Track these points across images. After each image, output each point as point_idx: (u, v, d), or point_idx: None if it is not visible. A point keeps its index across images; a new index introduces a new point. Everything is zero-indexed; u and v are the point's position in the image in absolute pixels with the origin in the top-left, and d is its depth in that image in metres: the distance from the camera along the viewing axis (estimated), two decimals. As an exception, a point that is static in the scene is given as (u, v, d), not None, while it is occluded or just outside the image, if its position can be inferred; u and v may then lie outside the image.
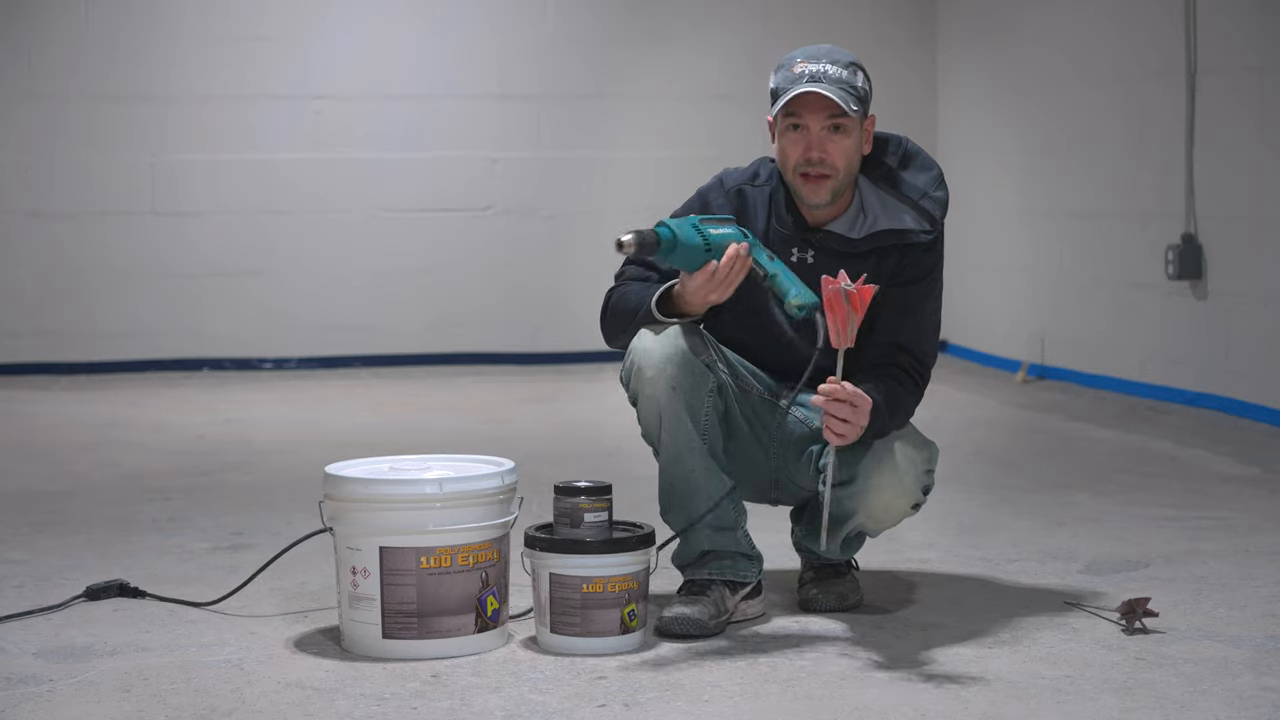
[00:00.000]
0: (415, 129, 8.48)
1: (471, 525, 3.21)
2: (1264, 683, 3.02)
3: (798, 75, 3.34)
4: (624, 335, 3.46)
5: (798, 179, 3.39)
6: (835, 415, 3.21)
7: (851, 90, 3.33)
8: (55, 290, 8.25)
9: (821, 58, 3.36)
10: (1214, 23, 6.51)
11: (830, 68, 3.34)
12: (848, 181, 3.40)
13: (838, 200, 3.41)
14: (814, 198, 3.38)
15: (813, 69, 3.34)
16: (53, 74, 8.17)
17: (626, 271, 3.51)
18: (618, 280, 3.52)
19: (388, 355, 8.51)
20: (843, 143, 3.35)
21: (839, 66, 3.35)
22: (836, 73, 3.34)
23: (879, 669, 3.13)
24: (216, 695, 3.00)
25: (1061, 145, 7.70)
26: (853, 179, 3.42)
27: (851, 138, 3.36)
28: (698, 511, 3.38)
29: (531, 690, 3.01)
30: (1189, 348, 6.72)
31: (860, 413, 3.22)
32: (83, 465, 5.61)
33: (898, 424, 3.37)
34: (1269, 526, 4.42)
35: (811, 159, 3.35)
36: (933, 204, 3.42)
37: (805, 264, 3.41)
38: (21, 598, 3.71)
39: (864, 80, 3.37)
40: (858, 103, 3.34)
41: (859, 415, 3.22)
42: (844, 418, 3.21)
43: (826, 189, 3.37)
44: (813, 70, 3.33)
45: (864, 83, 3.37)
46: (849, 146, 3.36)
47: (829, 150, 3.35)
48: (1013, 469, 5.47)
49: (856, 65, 3.38)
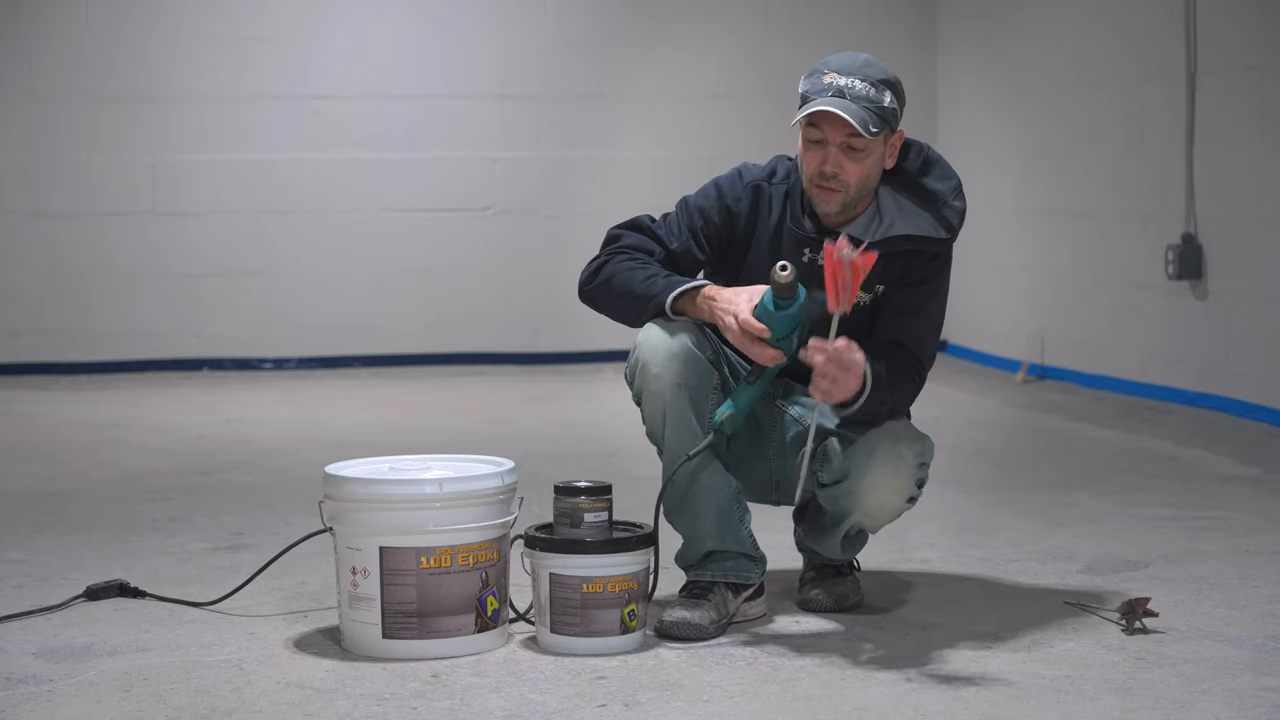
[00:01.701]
0: (415, 129, 8.48)
1: (471, 525, 3.21)
2: (1264, 683, 3.02)
3: (825, 86, 3.30)
4: (613, 312, 3.42)
5: (813, 188, 3.37)
6: (822, 373, 3.17)
7: (875, 110, 3.28)
8: (55, 290, 8.25)
9: (854, 71, 3.31)
10: (1214, 23, 6.51)
11: (859, 84, 3.29)
12: (862, 195, 3.37)
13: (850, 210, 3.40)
14: (824, 207, 3.37)
15: (841, 83, 3.29)
16: (53, 74, 8.17)
17: (625, 238, 3.46)
18: (614, 244, 3.46)
19: (388, 355, 8.51)
20: (861, 162, 3.32)
21: (868, 84, 3.30)
22: (864, 90, 3.29)
23: (879, 669, 3.13)
24: (216, 695, 3.00)
25: (1061, 145, 7.70)
26: (869, 192, 3.38)
27: (871, 157, 3.33)
28: (701, 511, 3.37)
29: (531, 690, 3.01)
30: (1189, 348, 6.72)
31: (850, 375, 3.19)
32: (83, 465, 5.61)
33: (893, 408, 3.36)
34: (1269, 526, 4.42)
35: (825, 174, 3.33)
36: (952, 213, 3.39)
37: (817, 264, 3.40)
38: (21, 598, 3.71)
39: (892, 99, 3.32)
40: (880, 123, 3.29)
41: (847, 376, 3.18)
42: (831, 377, 3.17)
43: (837, 202, 3.36)
44: (841, 84, 3.29)
45: (892, 101, 3.31)
46: (867, 165, 3.33)
47: (844, 168, 3.32)
48: (1013, 469, 5.47)
49: (888, 83, 3.32)
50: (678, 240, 3.45)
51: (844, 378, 3.18)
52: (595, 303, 3.47)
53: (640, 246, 3.44)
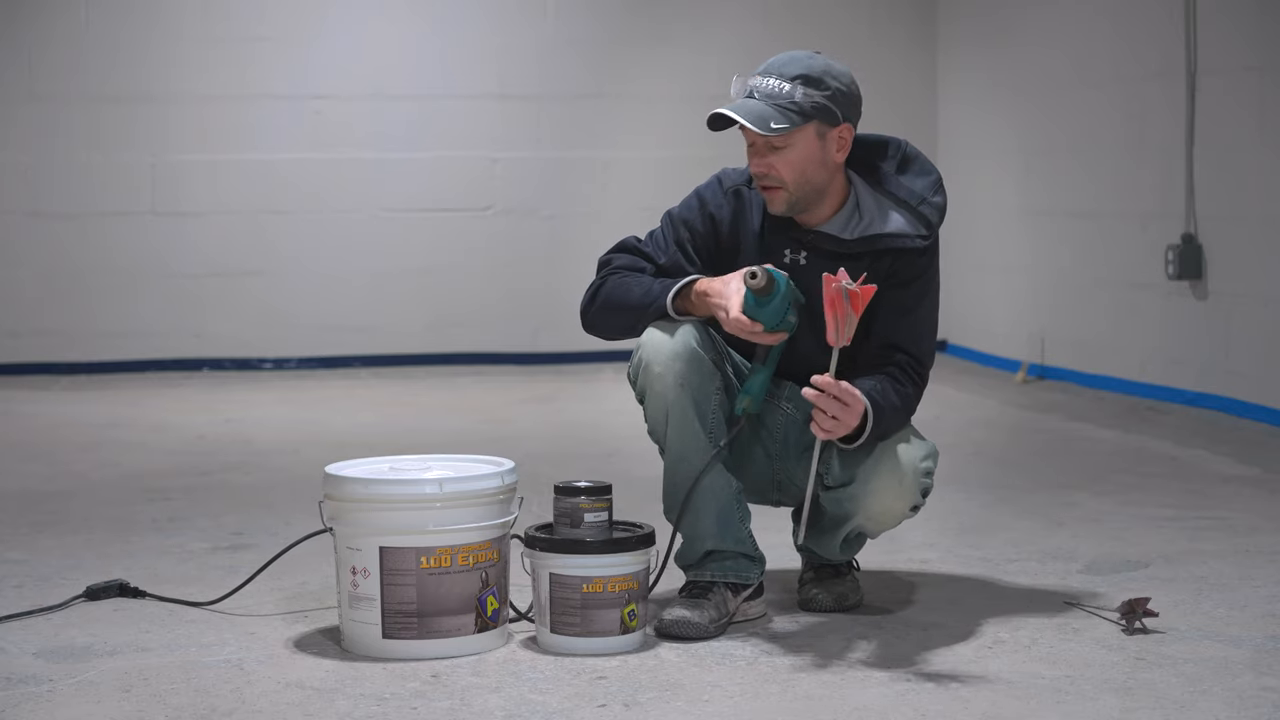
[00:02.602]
0: (415, 129, 8.48)
1: (471, 525, 3.21)
2: (1264, 683, 3.02)
3: (740, 89, 3.33)
4: (617, 328, 3.45)
5: (760, 189, 3.40)
6: (823, 410, 3.21)
7: (784, 106, 3.27)
8: (55, 290, 8.25)
9: (771, 70, 3.32)
10: (1214, 23, 6.51)
11: (771, 81, 3.30)
12: (807, 192, 3.35)
13: (815, 207, 3.39)
14: (771, 208, 3.38)
15: (754, 82, 3.32)
16: (53, 74, 8.17)
17: (615, 260, 3.49)
18: (606, 268, 3.49)
19: (388, 355, 8.51)
20: (787, 156, 3.31)
21: (782, 79, 3.29)
22: (773, 86, 3.29)
23: (879, 669, 3.13)
24: (216, 695, 3.00)
25: (1061, 145, 7.70)
26: (818, 188, 3.36)
27: (797, 150, 3.31)
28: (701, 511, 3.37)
29: (531, 690, 3.01)
30: (1189, 348, 6.72)
31: (850, 412, 3.21)
32: (83, 465, 5.61)
33: (898, 425, 3.37)
34: (1269, 526, 4.42)
35: (757, 174, 3.36)
36: (930, 209, 3.41)
37: (798, 265, 3.41)
38: (21, 598, 3.71)
39: (807, 93, 3.28)
40: (788, 117, 3.27)
41: (847, 413, 3.21)
42: (833, 414, 3.21)
43: (781, 200, 3.36)
44: (754, 84, 3.31)
45: (807, 95, 3.28)
46: (795, 160, 3.31)
47: (772, 164, 3.32)
48: (1013, 469, 5.47)
49: (805, 77, 3.29)
50: (666, 255, 3.46)
51: (844, 414, 3.20)
52: (598, 327, 3.50)
53: (632, 266, 3.48)
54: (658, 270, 3.46)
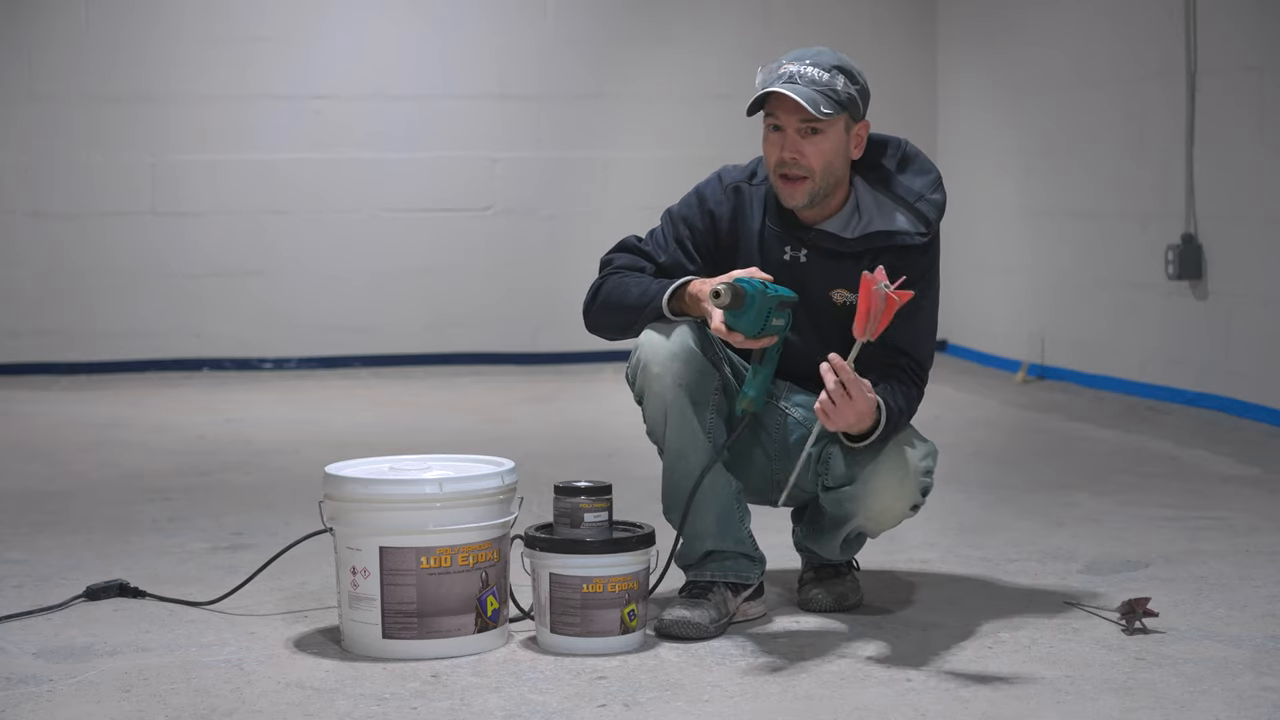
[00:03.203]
0: (415, 129, 8.48)
1: (471, 525, 3.21)
2: (1264, 683, 3.02)
3: (777, 75, 3.32)
4: (617, 327, 3.45)
5: (777, 180, 3.37)
6: (829, 395, 3.18)
7: (828, 93, 3.29)
8: (55, 290, 8.25)
9: (805, 58, 3.33)
10: (1214, 23, 6.51)
11: (810, 69, 3.31)
12: (828, 185, 3.36)
13: (823, 203, 3.40)
14: (790, 200, 3.37)
15: (792, 69, 3.31)
16: (53, 74, 8.17)
17: (616, 259, 3.49)
18: (607, 267, 3.50)
19: (388, 355, 8.51)
20: (820, 145, 3.32)
21: (820, 68, 3.31)
22: (815, 74, 3.30)
23: (879, 669, 3.13)
24: (216, 695, 3.00)
25: (1061, 145, 7.70)
26: (836, 183, 3.38)
27: (830, 140, 3.32)
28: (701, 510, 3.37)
29: (531, 690, 3.01)
30: (1189, 348, 6.72)
31: (854, 404, 3.20)
32: (83, 465, 5.61)
33: (902, 428, 3.37)
34: (1269, 526, 4.42)
35: (785, 160, 3.34)
36: (929, 206, 3.41)
37: (798, 262, 3.41)
38: (21, 598, 3.71)
39: (846, 84, 3.32)
40: (833, 105, 3.29)
41: (851, 404, 3.20)
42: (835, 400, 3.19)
43: (803, 191, 3.35)
44: (792, 70, 3.31)
45: (846, 86, 3.31)
46: (827, 149, 3.32)
47: (804, 152, 3.32)
48: (1013, 469, 5.47)
49: (841, 69, 3.33)
50: (666, 254, 3.46)
51: (846, 406, 3.19)
52: (599, 327, 3.51)
53: (632, 266, 3.48)
54: (658, 269, 3.46)
